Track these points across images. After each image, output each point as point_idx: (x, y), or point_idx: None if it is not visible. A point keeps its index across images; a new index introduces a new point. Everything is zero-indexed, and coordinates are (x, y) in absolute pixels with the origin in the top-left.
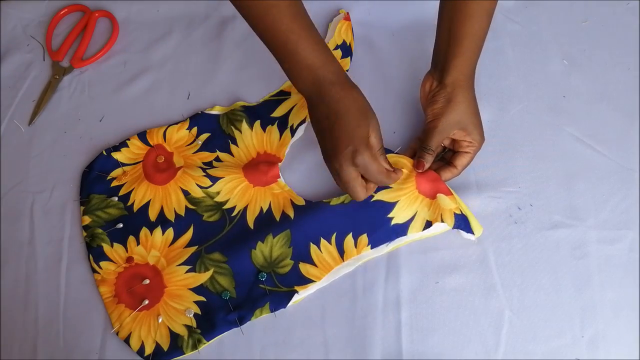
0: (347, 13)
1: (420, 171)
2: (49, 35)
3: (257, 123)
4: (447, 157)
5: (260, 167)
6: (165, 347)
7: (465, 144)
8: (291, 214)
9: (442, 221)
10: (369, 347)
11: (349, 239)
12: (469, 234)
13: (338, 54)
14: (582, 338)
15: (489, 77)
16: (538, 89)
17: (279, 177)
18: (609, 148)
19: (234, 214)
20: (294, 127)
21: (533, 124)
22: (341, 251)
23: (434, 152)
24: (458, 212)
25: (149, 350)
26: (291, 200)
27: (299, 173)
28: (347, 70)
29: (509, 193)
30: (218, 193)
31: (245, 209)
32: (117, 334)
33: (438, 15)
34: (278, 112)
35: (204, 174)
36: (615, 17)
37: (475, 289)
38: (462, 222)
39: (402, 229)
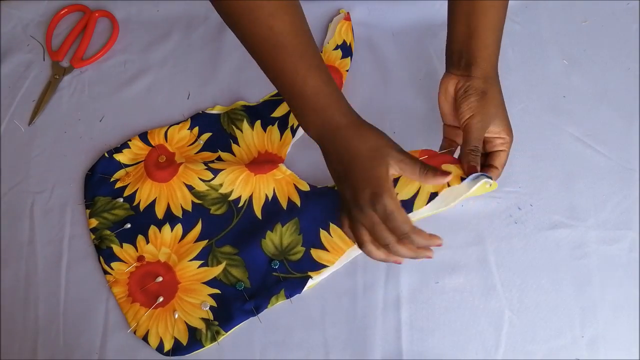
0: (348, 13)
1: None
2: (49, 35)
3: (258, 123)
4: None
5: (262, 163)
6: (184, 341)
7: (499, 142)
8: (297, 201)
9: (449, 186)
10: (369, 347)
11: None
12: (487, 180)
13: (338, 54)
14: (582, 338)
15: None
16: (538, 89)
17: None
18: (609, 148)
19: (240, 204)
20: (295, 127)
21: (533, 124)
22: None
23: (480, 151)
24: (465, 177)
25: (168, 346)
26: (295, 185)
27: (302, 168)
28: (347, 70)
29: (509, 193)
30: (221, 185)
31: (250, 198)
32: (135, 333)
33: (449, 15)
34: (278, 112)
35: (205, 167)
36: (615, 17)
37: (475, 289)
38: (471, 182)
39: (406, 205)
